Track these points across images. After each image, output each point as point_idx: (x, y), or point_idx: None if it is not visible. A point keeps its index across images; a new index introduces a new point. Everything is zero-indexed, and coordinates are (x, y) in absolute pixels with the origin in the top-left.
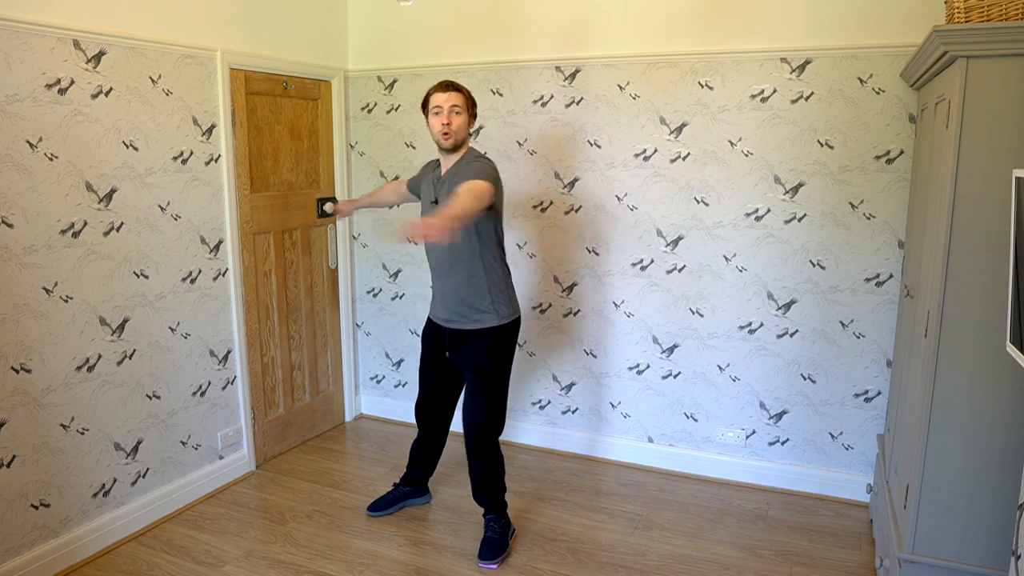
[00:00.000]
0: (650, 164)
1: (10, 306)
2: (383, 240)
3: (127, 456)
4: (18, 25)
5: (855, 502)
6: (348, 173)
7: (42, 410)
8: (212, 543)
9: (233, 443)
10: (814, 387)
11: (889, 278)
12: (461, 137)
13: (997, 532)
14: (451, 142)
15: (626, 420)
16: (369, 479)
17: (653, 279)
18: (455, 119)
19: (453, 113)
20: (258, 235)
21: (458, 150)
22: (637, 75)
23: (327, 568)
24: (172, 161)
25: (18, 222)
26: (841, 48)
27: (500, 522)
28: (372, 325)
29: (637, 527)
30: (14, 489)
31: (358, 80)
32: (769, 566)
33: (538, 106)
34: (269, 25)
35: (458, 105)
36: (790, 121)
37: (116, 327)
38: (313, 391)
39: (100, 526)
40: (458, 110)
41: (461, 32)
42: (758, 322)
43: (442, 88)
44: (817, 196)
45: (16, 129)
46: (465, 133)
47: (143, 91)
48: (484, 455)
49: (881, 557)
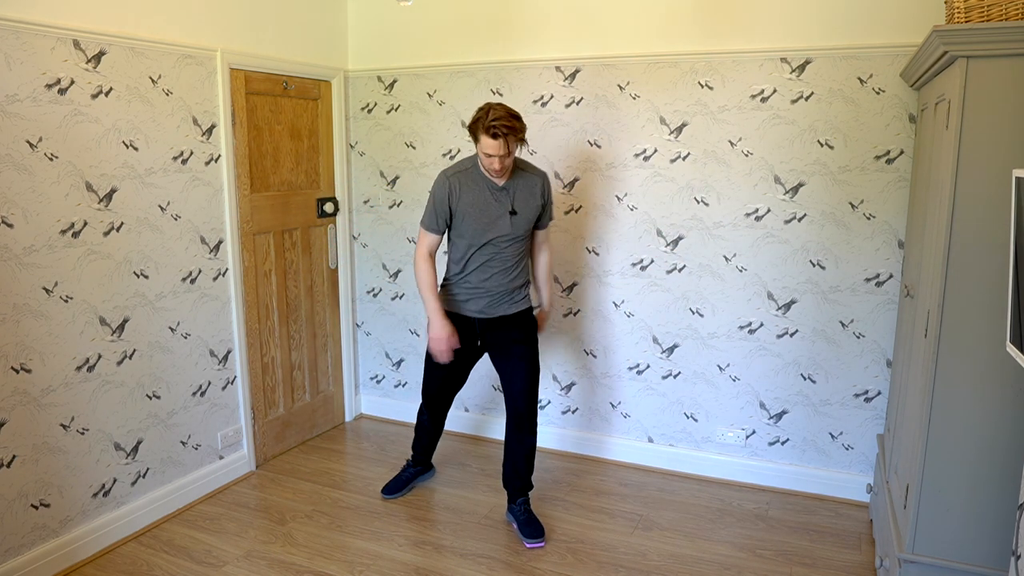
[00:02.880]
0: (650, 164)
1: (10, 306)
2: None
3: (127, 456)
4: (18, 25)
5: (855, 502)
6: (348, 173)
7: (42, 410)
8: (212, 543)
9: (233, 443)
10: (814, 387)
11: (889, 278)
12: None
13: (997, 532)
14: (504, 179)
15: (626, 420)
16: (369, 479)
17: (653, 279)
18: (506, 160)
19: (503, 159)
20: (258, 235)
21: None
22: (637, 75)
23: (327, 568)
24: (172, 161)
25: (18, 222)
26: (841, 48)
27: (529, 502)
28: (372, 325)
29: (637, 527)
30: (14, 489)
31: (358, 80)
32: (769, 566)
33: (538, 106)
34: (269, 25)
35: (509, 150)
36: (790, 121)
37: (116, 327)
38: (313, 391)
39: (100, 526)
40: (507, 151)
41: (461, 32)
42: (758, 322)
43: (491, 136)
44: (817, 196)
45: (16, 129)
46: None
47: (143, 91)
48: (534, 424)
49: (881, 557)
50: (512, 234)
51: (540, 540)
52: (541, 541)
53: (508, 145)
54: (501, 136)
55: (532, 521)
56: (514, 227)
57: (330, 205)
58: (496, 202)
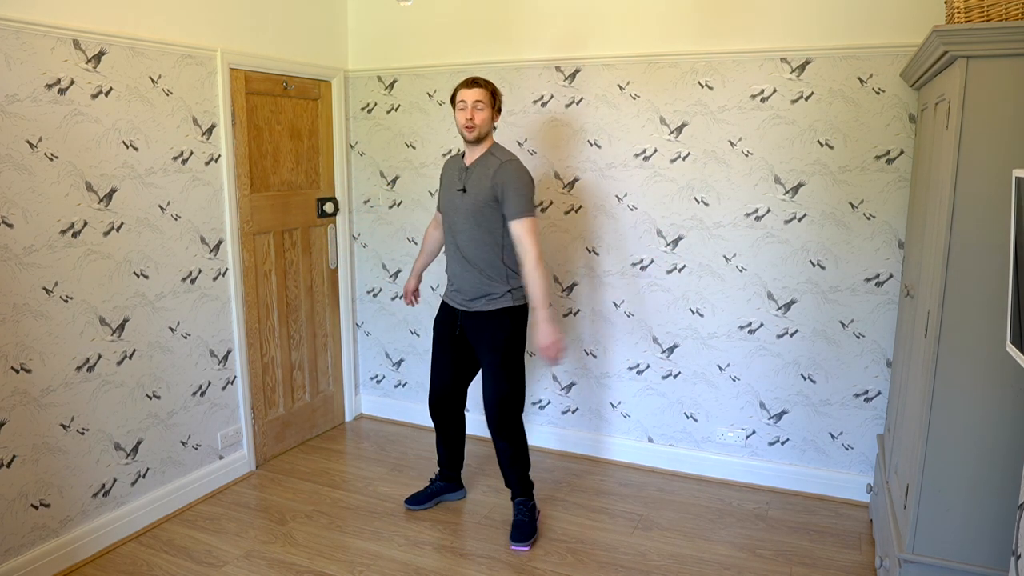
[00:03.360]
0: (650, 164)
1: (10, 306)
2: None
3: (127, 456)
4: (18, 25)
5: (855, 502)
6: (348, 173)
7: (42, 410)
8: (212, 543)
9: (233, 443)
10: (814, 387)
11: (889, 278)
12: (484, 131)
13: (997, 532)
14: (474, 135)
15: (626, 420)
16: (369, 479)
17: (653, 279)
18: (478, 114)
19: (476, 108)
20: (258, 235)
21: (482, 142)
22: (637, 75)
23: (327, 568)
24: (172, 161)
25: (18, 222)
26: (841, 48)
27: (528, 504)
28: (372, 325)
29: (637, 527)
30: (14, 489)
31: (358, 80)
32: (769, 566)
33: (538, 106)
34: (269, 25)
35: (481, 100)
36: (790, 121)
37: (116, 327)
38: (313, 391)
39: (100, 526)
40: (481, 105)
41: (461, 32)
42: (758, 322)
43: (468, 84)
44: (817, 196)
45: (16, 129)
46: (488, 127)
47: (143, 91)
48: (508, 432)
49: (881, 557)
50: (462, 214)
51: (524, 544)
52: (525, 546)
53: (481, 95)
54: (478, 86)
55: (521, 525)
56: (462, 205)
57: (330, 205)
58: (457, 180)
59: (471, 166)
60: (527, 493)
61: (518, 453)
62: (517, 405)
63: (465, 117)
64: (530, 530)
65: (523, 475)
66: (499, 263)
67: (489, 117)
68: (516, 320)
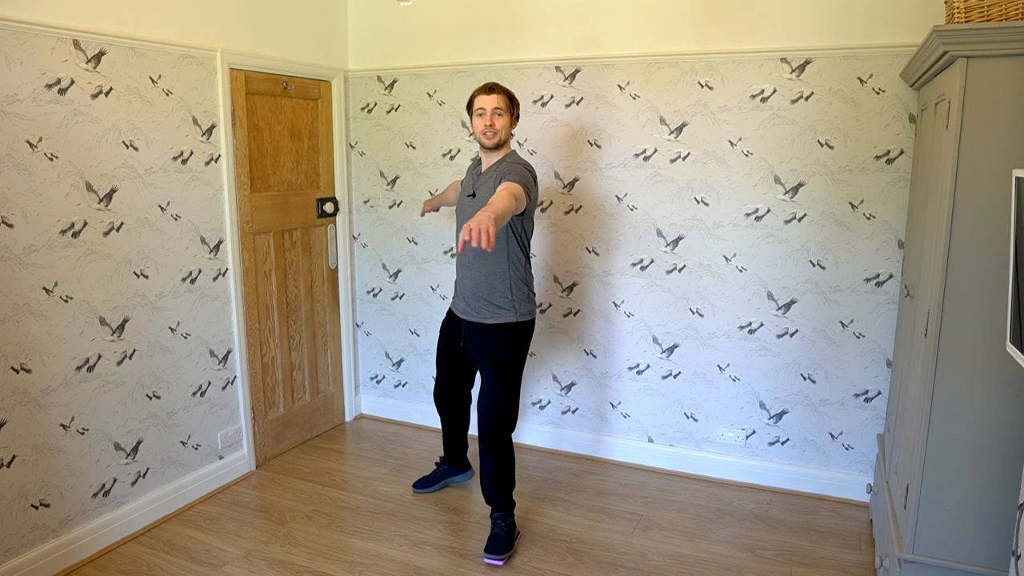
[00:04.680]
0: (650, 164)
1: (10, 306)
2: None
3: (127, 456)
4: (18, 25)
5: (855, 502)
6: (348, 173)
7: (42, 410)
8: (212, 543)
9: (233, 443)
10: (814, 387)
11: (889, 278)
12: (504, 137)
13: (997, 532)
14: (494, 141)
15: (626, 420)
16: (369, 479)
17: (653, 279)
18: (498, 120)
19: (496, 115)
20: (258, 235)
21: (500, 149)
22: (637, 75)
23: (327, 568)
24: (172, 161)
25: (18, 222)
26: (841, 48)
27: (508, 521)
28: (372, 325)
29: (637, 527)
30: (14, 489)
31: (358, 80)
32: (769, 566)
33: (538, 106)
34: (269, 25)
35: (500, 107)
36: (790, 121)
37: (116, 327)
38: (313, 391)
39: (100, 526)
40: (500, 112)
41: (461, 32)
42: (758, 322)
43: (486, 91)
44: (817, 196)
45: (16, 129)
46: (507, 134)
47: (143, 91)
48: (497, 449)
49: (881, 557)
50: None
51: (498, 558)
52: (499, 560)
53: (500, 101)
54: (496, 92)
55: (497, 538)
56: (471, 210)
57: (330, 205)
58: (470, 185)
59: (486, 172)
60: (507, 509)
61: (504, 471)
62: (510, 422)
63: (484, 123)
64: (507, 545)
65: (507, 494)
66: (505, 273)
67: (508, 123)
68: (519, 336)
